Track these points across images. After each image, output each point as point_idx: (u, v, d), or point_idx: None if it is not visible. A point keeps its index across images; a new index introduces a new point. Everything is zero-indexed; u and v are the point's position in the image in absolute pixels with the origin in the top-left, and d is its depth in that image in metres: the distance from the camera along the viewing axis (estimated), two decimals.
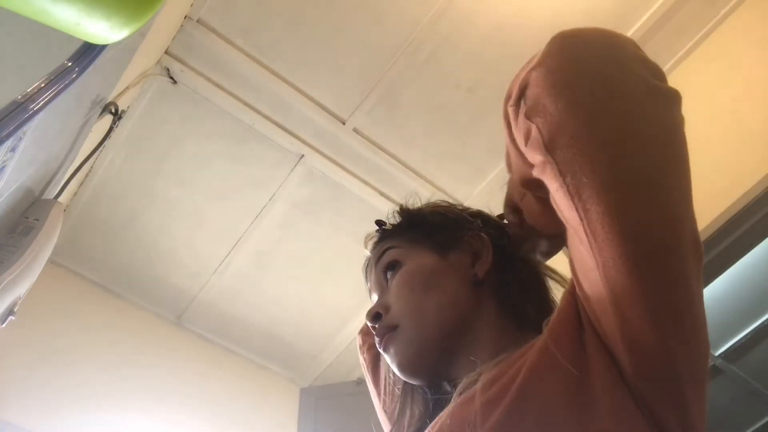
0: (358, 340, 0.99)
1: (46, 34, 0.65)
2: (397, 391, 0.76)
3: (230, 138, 2.01)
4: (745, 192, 1.46)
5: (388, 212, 0.84)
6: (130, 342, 2.22)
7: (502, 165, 0.71)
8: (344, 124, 2.01)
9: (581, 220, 0.50)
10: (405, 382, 0.74)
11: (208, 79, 1.90)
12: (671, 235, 0.49)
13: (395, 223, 0.82)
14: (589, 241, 0.49)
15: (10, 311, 1.09)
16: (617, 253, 0.48)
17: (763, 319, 1.73)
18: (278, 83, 1.91)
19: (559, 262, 0.74)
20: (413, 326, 0.68)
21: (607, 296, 0.49)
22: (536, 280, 0.73)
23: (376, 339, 0.71)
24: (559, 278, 0.74)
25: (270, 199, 2.16)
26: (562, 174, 0.51)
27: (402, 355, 0.68)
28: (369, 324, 0.73)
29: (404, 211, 0.82)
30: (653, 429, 0.48)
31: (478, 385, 0.55)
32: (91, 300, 2.24)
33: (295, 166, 2.08)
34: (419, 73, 1.91)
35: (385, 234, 0.80)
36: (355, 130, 2.03)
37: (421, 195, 0.86)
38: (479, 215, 0.80)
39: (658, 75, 0.54)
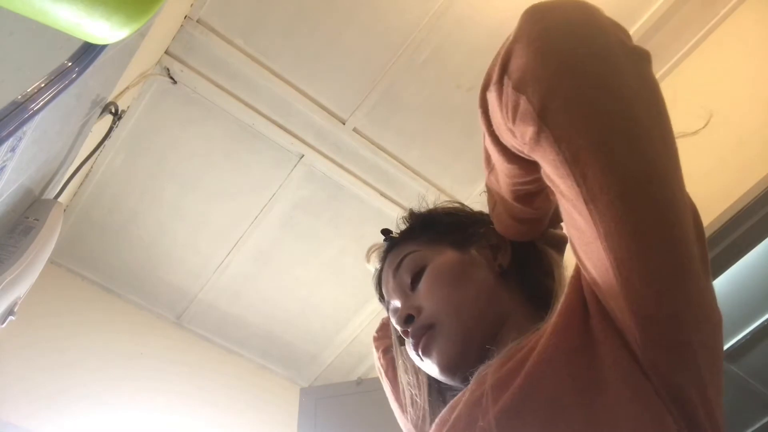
0: (375, 346, 0.98)
1: (46, 34, 0.65)
2: (418, 400, 0.75)
3: (230, 138, 2.01)
4: (744, 193, 1.45)
5: (396, 218, 0.84)
6: (130, 342, 2.22)
7: None
8: (344, 124, 2.01)
9: (580, 187, 0.49)
10: (430, 391, 0.75)
11: (208, 79, 1.90)
12: (666, 189, 0.48)
13: (405, 228, 0.82)
14: (589, 209, 0.48)
15: (10, 311, 1.09)
16: (618, 214, 0.47)
17: (763, 319, 1.72)
18: (278, 83, 1.91)
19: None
20: (453, 322, 0.67)
21: (612, 266, 0.48)
22: (548, 263, 0.75)
23: (411, 341, 0.70)
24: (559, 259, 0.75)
25: (270, 199, 2.16)
26: (557, 141, 0.50)
27: (445, 353, 0.67)
28: (401, 328, 0.72)
29: (415, 216, 0.83)
30: (671, 408, 0.47)
31: (490, 369, 0.56)
32: (91, 300, 2.24)
33: (295, 166, 2.08)
34: (419, 73, 1.91)
35: (397, 241, 0.81)
36: (355, 130, 2.03)
37: (424, 197, 0.87)
38: (482, 214, 0.81)
39: (628, 36, 0.54)
